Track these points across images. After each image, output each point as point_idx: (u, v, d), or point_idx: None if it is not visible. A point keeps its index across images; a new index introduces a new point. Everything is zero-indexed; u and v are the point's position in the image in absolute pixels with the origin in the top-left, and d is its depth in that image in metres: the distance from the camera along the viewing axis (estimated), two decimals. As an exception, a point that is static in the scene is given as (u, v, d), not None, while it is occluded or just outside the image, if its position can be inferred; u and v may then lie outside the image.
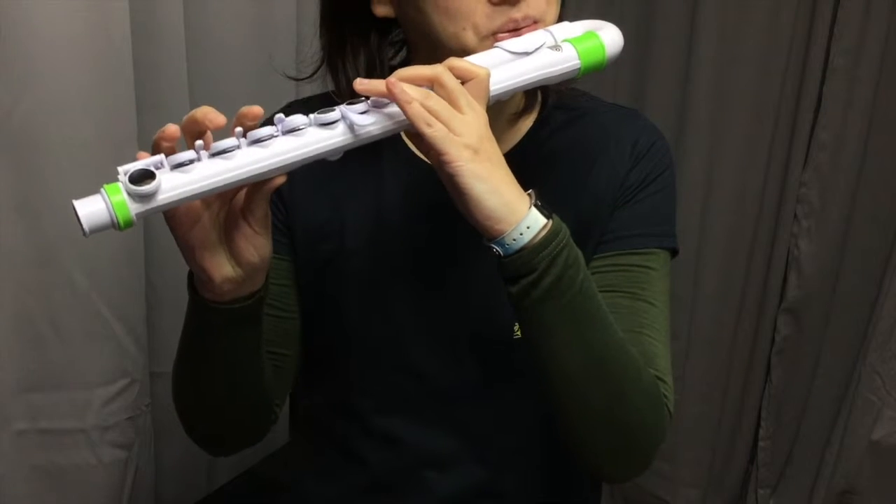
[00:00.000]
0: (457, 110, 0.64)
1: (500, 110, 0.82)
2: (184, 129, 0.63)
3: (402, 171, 0.84)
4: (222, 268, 0.67)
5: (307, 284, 0.87)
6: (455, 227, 0.73)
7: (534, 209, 0.66)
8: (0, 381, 1.07)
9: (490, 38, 0.72)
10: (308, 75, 0.87)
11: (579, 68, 0.71)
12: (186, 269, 0.72)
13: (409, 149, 0.84)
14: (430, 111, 0.63)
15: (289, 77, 0.91)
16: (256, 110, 0.63)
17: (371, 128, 0.65)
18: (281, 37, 1.37)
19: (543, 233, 0.66)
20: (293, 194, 0.85)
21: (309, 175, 0.84)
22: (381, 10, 0.79)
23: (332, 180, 0.85)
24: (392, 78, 0.64)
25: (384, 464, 0.90)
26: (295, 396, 0.97)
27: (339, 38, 0.82)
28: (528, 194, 0.67)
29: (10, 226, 1.03)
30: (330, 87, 0.87)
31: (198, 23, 1.23)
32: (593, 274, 0.72)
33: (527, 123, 0.86)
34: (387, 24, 0.82)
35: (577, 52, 0.71)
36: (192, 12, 1.21)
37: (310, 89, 0.92)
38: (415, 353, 0.86)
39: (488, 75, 0.67)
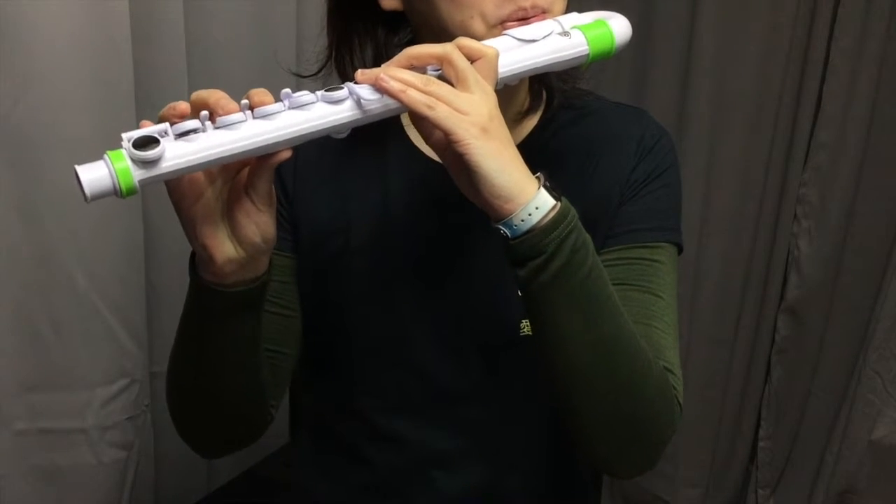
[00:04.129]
0: (465, 89, 0.64)
1: (506, 109, 0.81)
2: (192, 104, 0.63)
3: (407, 168, 0.84)
4: (224, 246, 0.67)
5: (311, 282, 0.87)
6: (462, 224, 0.73)
7: (542, 190, 0.65)
8: (0, 381, 1.07)
9: (498, 28, 0.72)
10: (313, 73, 0.86)
11: (588, 55, 0.71)
12: (187, 270, 0.72)
13: (414, 146, 0.84)
14: (432, 94, 0.63)
15: (293, 73, 0.91)
16: (267, 98, 0.63)
17: (378, 104, 0.64)
18: (281, 36, 1.37)
19: (552, 214, 0.65)
20: (298, 191, 0.85)
21: (314, 172, 0.84)
22: (389, 3, 0.79)
23: (337, 178, 0.85)
24: (383, 72, 0.64)
25: (388, 464, 0.89)
26: (296, 395, 0.96)
27: (346, 32, 0.82)
28: (537, 176, 0.67)
29: (11, 225, 1.03)
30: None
31: (198, 23, 1.23)
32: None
33: (532, 122, 0.86)
34: (394, 18, 0.81)
35: (586, 39, 0.71)
36: (192, 12, 1.21)
37: (311, 88, 0.92)
38: (419, 352, 0.85)
39: (497, 55, 0.67)
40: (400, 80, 0.63)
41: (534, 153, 0.82)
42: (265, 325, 0.77)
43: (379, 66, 0.78)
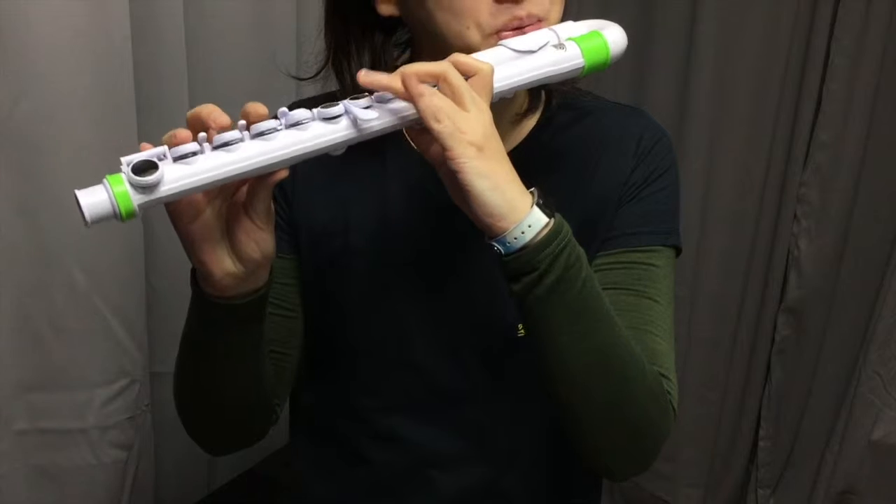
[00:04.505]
0: (461, 107, 0.65)
1: (504, 111, 0.82)
2: (187, 123, 0.64)
3: (406, 170, 0.85)
4: (222, 262, 0.67)
5: (311, 283, 0.87)
6: (459, 227, 0.73)
7: (535, 208, 0.66)
8: (0, 381, 1.07)
9: (494, 36, 0.72)
10: (311, 75, 0.87)
11: (583, 67, 0.72)
12: (187, 269, 0.72)
13: (413, 148, 0.84)
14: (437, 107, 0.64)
15: (291, 76, 0.91)
16: (262, 110, 0.63)
17: (374, 123, 0.65)
18: (281, 37, 1.37)
19: (545, 232, 0.66)
20: (297, 194, 0.85)
21: (313, 174, 0.85)
22: (386, 9, 0.79)
23: (336, 180, 0.85)
24: (407, 70, 0.64)
25: (387, 464, 0.90)
26: (295, 396, 0.97)
27: (343, 37, 0.82)
28: (531, 192, 0.67)
29: (11, 226, 1.03)
30: (330, 88, 0.87)
31: (198, 23, 1.23)
32: (597, 271, 0.72)
33: (530, 123, 0.86)
34: (391, 24, 0.82)
35: (581, 51, 0.71)
36: (192, 12, 1.21)
37: (311, 90, 0.92)
38: (418, 353, 0.86)
39: (492, 71, 0.67)
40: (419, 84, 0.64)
41: (532, 154, 0.83)
42: (269, 326, 0.78)
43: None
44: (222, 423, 0.82)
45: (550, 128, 0.86)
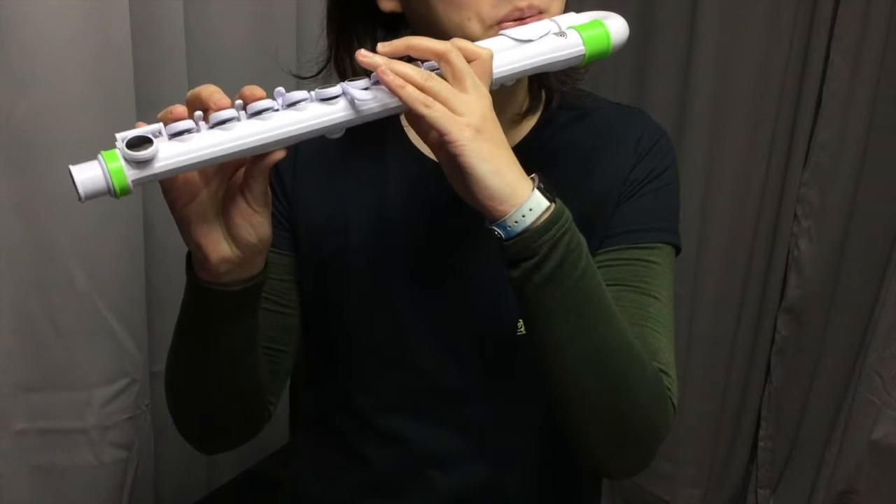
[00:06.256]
0: (461, 89, 0.64)
1: (504, 110, 0.82)
2: (187, 102, 0.64)
3: (406, 168, 0.85)
4: (219, 246, 0.67)
5: (310, 282, 0.87)
6: (459, 224, 0.73)
7: (536, 192, 0.66)
8: (0, 381, 1.07)
9: (495, 28, 0.72)
10: (313, 74, 0.87)
11: (584, 55, 0.71)
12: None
13: (413, 146, 0.84)
14: (429, 92, 0.63)
15: (292, 75, 0.91)
16: (259, 92, 0.63)
17: (372, 104, 0.65)
18: (281, 37, 1.37)
19: (546, 215, 0.65)
20: (297, 191, 0.85)
21: (313, 172, 0.85)
22: (388, 5, 0.79)
23: (335, 177, 0.85)
24: (384, 66, 0.64)
25: (386, 462, 0.90)
26: (295, 395, 0.97)
27: (345, 34, 0.82)
28: (532, 178, 0.67)
29: (11, 225, 1.03)
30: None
31: (198, 23, 1.23)
32: (597, 268, 0.72)
33: (530, 123, 0.86)
34: (393, 20, 0.82)
35: (582, 39, 0.71)
36: (192, 12, 1.22)
37: (310, 90, 0.92)
38: (417, 351, 0.86)
39: (491, 56, 0.67)
40: (400, 73, 0.63)
41: (532, 154, 0.83)
42: (264, 322, 0.78)
43: None
44: (213, 417, 0.81)
45: (550, 128, 0.86)
